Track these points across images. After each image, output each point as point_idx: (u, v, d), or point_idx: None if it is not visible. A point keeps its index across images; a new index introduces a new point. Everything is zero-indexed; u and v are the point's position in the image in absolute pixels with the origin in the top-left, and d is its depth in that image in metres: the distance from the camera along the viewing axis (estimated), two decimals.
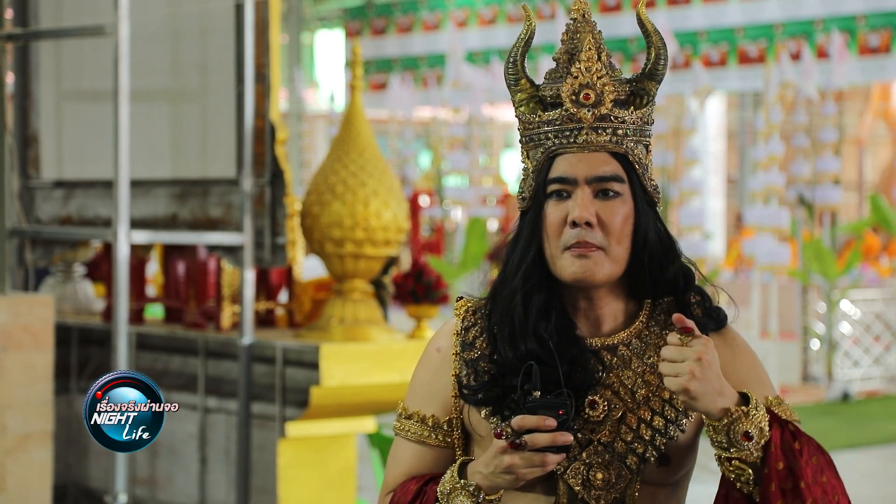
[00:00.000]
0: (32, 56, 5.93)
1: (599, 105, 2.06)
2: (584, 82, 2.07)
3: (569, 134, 2.07)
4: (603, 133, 2.06)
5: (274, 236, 5.11)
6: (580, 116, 2.06)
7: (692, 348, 1.94)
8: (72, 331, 5.84)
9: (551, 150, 2.08)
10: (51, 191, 5.90)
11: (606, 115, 2.06)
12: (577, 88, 2.07)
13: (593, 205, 2.04)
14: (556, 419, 1.92)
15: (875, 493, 8.85)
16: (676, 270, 2.11)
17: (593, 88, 2.07)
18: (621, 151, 2.07)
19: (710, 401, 1.94)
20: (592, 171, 2.05)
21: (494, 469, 1.96)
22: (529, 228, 2.09)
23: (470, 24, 18.07)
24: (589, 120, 2.06)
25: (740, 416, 1.95)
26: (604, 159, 2.06)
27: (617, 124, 2.07)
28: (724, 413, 1.95)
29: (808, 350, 13.09)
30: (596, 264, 2.04)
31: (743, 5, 15.22)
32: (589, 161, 2.06)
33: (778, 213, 11.04)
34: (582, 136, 2.06)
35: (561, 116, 2.07)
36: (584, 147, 2.06)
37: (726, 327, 2.14)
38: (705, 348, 1.94)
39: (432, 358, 2.16)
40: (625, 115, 2.08)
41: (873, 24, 14.28)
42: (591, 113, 2.06)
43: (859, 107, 19.81)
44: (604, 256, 2.04)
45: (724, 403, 1.95)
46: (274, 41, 5.17)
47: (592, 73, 2.07)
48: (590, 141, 2.06)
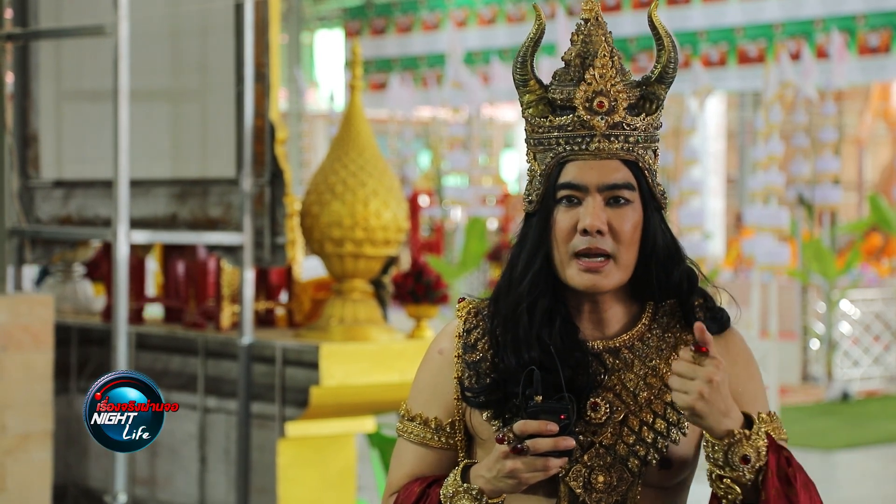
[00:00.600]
0: (32, 56, 5.93)
1: (613, 113, 2.05)
2: (597, 89, 2.05)
3: (580, 141, 2.05)
4: (615, 141, 2.05)
5: (273, 236, 5.11)
6: (593, 124, 2.05)
7: (704, 368, 1.94)
8: (71, 331, 5.84)
9: (562, 155, 2.06)
10: (50, 190, 5.90)
11: (619, 122, 2.05)
12: (590, 95, 2.05)
13: (604, 212, 2.03)
14: (558, 424, 1.92)
15: (875, 492, 8.85)
16: (681, 274, 2.10)
17: (607, 96, 2.05)
18: (632, 159, 2.06)
19: (715, 421, 1.95)
20: (604, 179, 2.04)
21: (497, 473, 1.96)
22: (537, 233, 2.07)
23: (469, 23, 18.07)
24: (602, 128, 2.05)
25: (741, 439, 1.96)
26: (615, 167, 2.05)
27: (629, 132, 2.06)
28: (726, 433, 1.96)
29: (808, 350, 13.10)
30: (605, 276, 2.04)
31: (743, 5, 15.21)
32: (600, 168, 2.05)
33: (778, 213, 11.03)
34: (594, 144, 2.05)
35: (573, 122, 2.06)
36: (596, 154, 2.05)
37: (730, 329, 2.14)
38: (717, 370, 1.95)
39: (434, 360, 2.15)
40: (636, 122, 2.07)
41: (873, 24, 14.28)
42: (605, 121, 2.05)
43: (859, 106, 19.80)
44: (613, 265, 2.04)
45: (729, 425, 1.96)
46: (274, 41, 5.17)
47: (607, 79, 2.06)
48: (602, 148, 2.05)
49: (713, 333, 2.10)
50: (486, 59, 17.00)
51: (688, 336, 2.11)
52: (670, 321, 2.12)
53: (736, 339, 2.14)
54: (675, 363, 1.96)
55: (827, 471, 9.38)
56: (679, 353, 1.98)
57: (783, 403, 11.32)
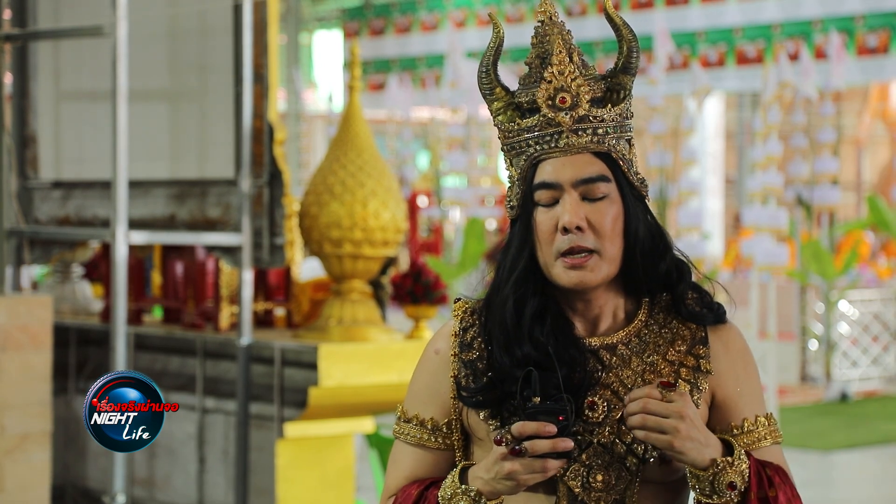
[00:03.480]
0: (31, 56, 5.93)
1: (576, 107, 2.06)
2: (558, 86, 2.06)
3: (549, 139, 2.06)
4: (583, 134, 2.06)
5: (272, 237, 5.11)
6: (559, 120, 2.06)
7: (674, 404, 1.94)
8: (70, 331, 5.84)
9: (534, 156, 2.07)
10: (49, 191, 5.90)
11: (585, 115, 2.06)
12: (552, 93, 2.06)
13: (582, 208, 2.04)
14: (556, 425, 1.91)
15: (874, 493, 8.86)
16: (669, 264, 2.10)
17: (568, 91, 2.06)
18: (604, 150, 2.06)
19: (697, 454, 1.96)
20: (577, 174, 2.05)
21: (495, 475, 1.96)
22: (520, 236, 2.08)
23: (468, 24, 18.07)
24: (568, 123, 2.05)
25: (725, 467, 1.97)
26: (587, 160, 2.06)
27: (596, 124, 2.06)
28: (710, 464, 1.97)
29: (807, 350, 13.10)
30: (591, 271, 2.04)
31: (741, 6, 15.21)
32: (573, 164, 2.05)
33: (776, 214, 11.03)
34: (563, 140, 2.06)
35: (539, 122, 2.06)
36: (566, 150, 2.05)
37: (728, 325, 2.14)
38: (685, 402, 1.95)
39: (431, 360, 2.15)
40: (603, 114, 2.07)
41: (871, 25, 14.28)
42: (570, 116, 2.06)
43: (857, 107, 19.81)
44: (598, 260, 2.04)
45: (711, 455, 1.97)
46: (272, 41, 5.17)
47: (566, 75, 2.07)
48: (571, 144, 2.05)
49: (709, 323, 2.11)
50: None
51: (685, 330, 2.11)
52: (667, 317, 2.12)
53: (734, 334, 2.14)
54: (648, 403, 1.94)
55: (825, 471, 9.38)
56: (631, 394, 1.96)
57: (782, 404, 11.32)
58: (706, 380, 2.09)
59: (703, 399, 2.09)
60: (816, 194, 13.11)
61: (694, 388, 2.08)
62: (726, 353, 2.11)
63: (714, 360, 2.10)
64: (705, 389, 2.09)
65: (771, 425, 2.10)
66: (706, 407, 2.10)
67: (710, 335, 2.12)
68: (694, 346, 2.10)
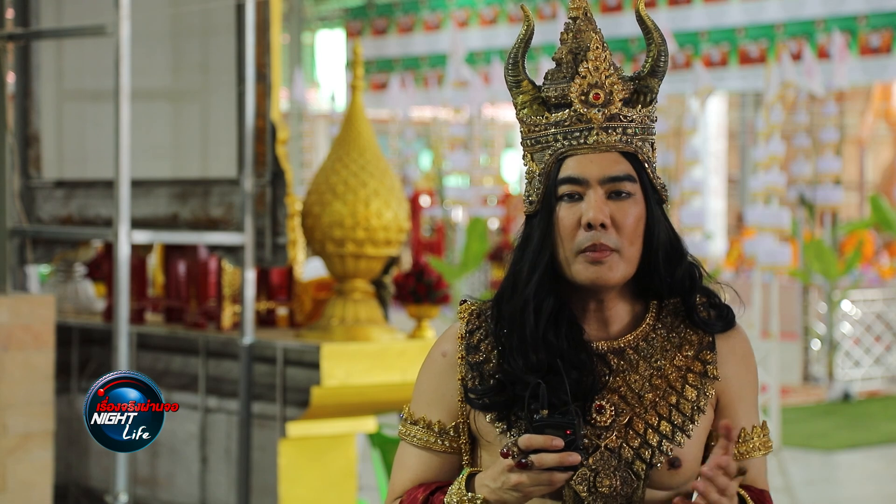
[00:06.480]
0: (33, 56, 5.93)
1: (609, 105, 2.04)
2: (592, 82, 2.04)
3: (578, 135, 2.04)
4: (613, 133, 2.04)
5: (275, 236, 5.11)
6: (590, 117, 2.04)
7: (734, 483, 1.93)
8: (73, 331, 5.84)
9: (561, 151, 2.05)
10: (52, 190, 5.90)
11: (616, 114, 2.04)
12: (586, 88, 2.04)
13: (607, 206, 2.02)
14: (563, 439, 1.89)
15: (876, 493, 8.85)
16: (684, 271, 2.09)
17: (602, 88, 2.04)
18: (631, 150, 2.05)
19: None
20: (605, 172, 2.03)
21: (501, 485, 1.95)
22: (540, 232, 2.05)
23: (471, 24, 18.06)
24: (599, 120, 2.04)
25: None
26: (615, 159, 2.04)
27: (626, 123, 2.05)
28: None
29: (809, 350, 13.09)
30: (611, 269, 2.02)
31: (744, 5, 15.20)
32: (600, 161, 2.03)
33: (779, 213, 11.00)
34: (592, 137, 2.04)
35: (570, 117, 2.04)
36: (595, 147, 2.04)
37: (736, 328, 2.13)
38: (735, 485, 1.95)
39: (437, 362, 2.13)
40: (633, 114, 2.06)
41: (874, 25, 14.27)
42: (602, 113, 2.04)
43: (860, 107, 19.80)
44: (618, 258, 2.02)
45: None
46: (275, 41, 5.17)
47: (601, 72, 2.05)
48: (600, 141, 2.04)
49: (718, 332, 2.10)
50: (488, 59, 16.99)
51: (692, 335, 2.10)
52: (674, 320, 2.11)
53: (741, 338, 2.13)
54: (720, 477, 1.92)
55: (828, 471, 9.37)
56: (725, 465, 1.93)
57: (784, 404, 11.31)
58: (713, 385, 2.09)
59: (710, 404, 2.09)
60: (819, 194, 13.09)
61: (700, 394, 2.07)
62: (732, 358, 2.10)
63: (721, 366, 2.10)
64: (712, 395, 2.09)
65: (764, 435, 2.11)
66: (712, 411, 2.09)
67: (718, 339, 2.11)
68: (701, 352, 2.10)
